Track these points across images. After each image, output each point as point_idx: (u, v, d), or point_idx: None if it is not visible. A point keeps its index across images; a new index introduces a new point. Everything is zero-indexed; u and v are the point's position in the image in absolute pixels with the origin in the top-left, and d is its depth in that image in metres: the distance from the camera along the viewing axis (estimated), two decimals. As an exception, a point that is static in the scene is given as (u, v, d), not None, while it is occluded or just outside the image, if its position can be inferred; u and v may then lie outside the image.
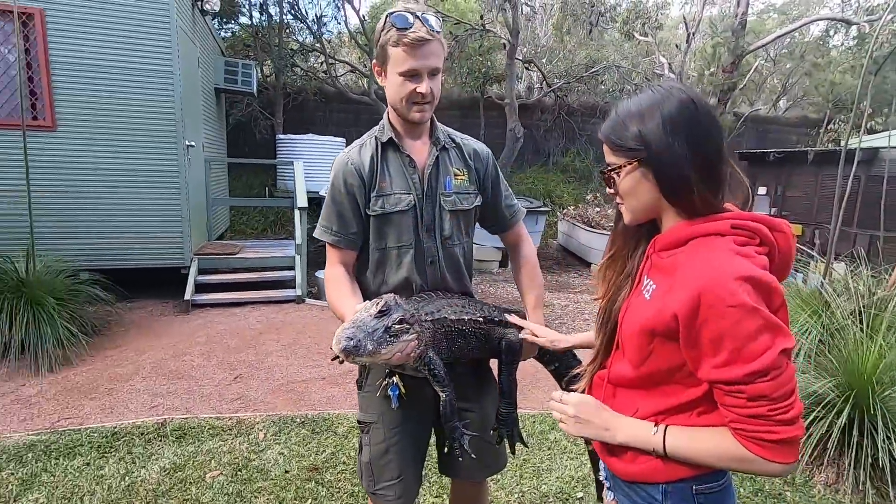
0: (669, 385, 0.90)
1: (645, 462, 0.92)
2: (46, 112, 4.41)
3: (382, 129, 1.32)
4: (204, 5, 5.68)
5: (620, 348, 0.97)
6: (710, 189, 0.85)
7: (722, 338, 0.76)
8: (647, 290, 0.92)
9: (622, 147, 0.89)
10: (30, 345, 3.42)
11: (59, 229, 4.54)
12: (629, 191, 0.91)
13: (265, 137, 10.08)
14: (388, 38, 1.19)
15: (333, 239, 1.30)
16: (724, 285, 0.76)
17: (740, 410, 0.78)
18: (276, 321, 4.58)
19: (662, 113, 0.85)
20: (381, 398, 1.34)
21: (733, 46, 11.43)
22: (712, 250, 0.82)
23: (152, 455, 2.46)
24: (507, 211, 1.49)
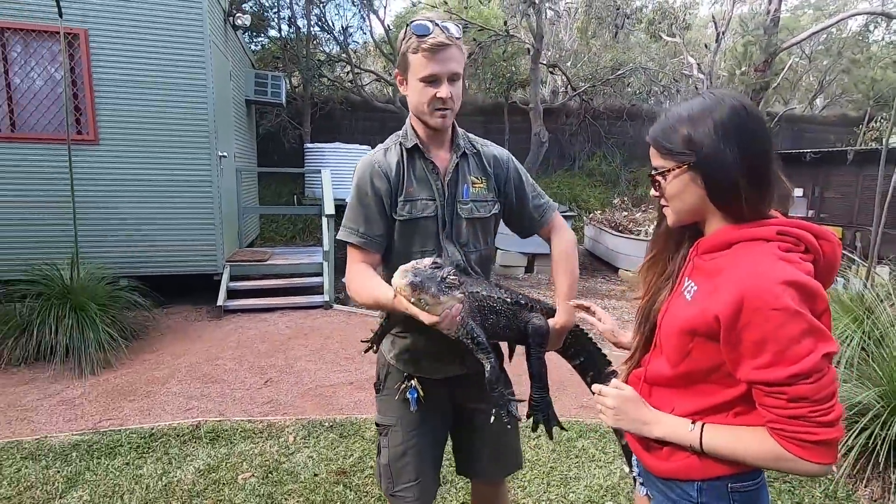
0: (707, 385, 0.91)
1: (681, 459, 0.93)
2: (90, 126, 4.63)
3: (406, 134, 1.32)
4: (236, 21, 5.88)
5: (658, 348, 0.99)
6: (757, 195, 0.87)
7: (765, 340, 0.78)
8: (687, 292, 0.94)
9: (671, 151, 0.90)
10: (73, 348, 3.58)
11: (101, 238, 4.75)
12: (675, 194, 0.93)
13: (293, 146, 10.31)
14: (408, 46, 1.21)
15: (360, 240, 1.27)
16: (769, 289, 0.77)
17: (780, 411, 0.80)
18: (304, 326, 4.66)
19: (714, 118, 0.86)
20: (399, 401, 1.36)
21: (765, 44, 11.10)
22: (756, 255, 0.83)
23: (187, 456, 2.54)
24: (535, 212, 1.45)
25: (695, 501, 0.93)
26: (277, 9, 11.07)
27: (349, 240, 1.28)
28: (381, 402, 1.43)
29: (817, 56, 15.06)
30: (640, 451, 1.03)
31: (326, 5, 11.25)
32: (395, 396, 1.36)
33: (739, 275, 0.81)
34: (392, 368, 1.39)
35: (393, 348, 1.39)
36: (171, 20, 4.71)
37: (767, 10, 11.27)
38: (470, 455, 1.47)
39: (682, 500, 0.95)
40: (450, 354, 1.34)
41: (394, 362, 1.38)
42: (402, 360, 1.37)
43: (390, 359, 1.39)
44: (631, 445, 1.08)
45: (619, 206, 8.57)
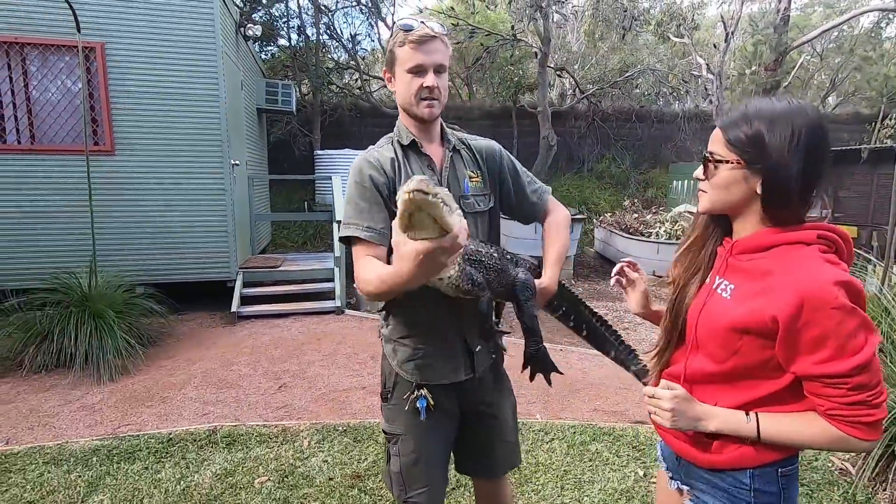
0: (752, 379, 0.96)
1: (733, 450, 0.98)
2: (106, 137, 4.73)
3: (399, 133, 1.34)
4: (247, 31, 5.98)
5: (695, 346, 1.02)
6: (805, 204, 0.93)
7: (826, 337, 0.85)
8: (723, 291, 0.98)
9: (738, 144, 0.92)
10: (92, 355, 3.65)
11: (118, 246, 4.85)
12: (722, 185, 0.96)
13: (304, 153, 10.42)
14: (395, 42, 1.25)
15: (365, 234, 1.23)
16: (827, 289, 0.84)
17: (840, 399, 0.87)
18: (316, 332, 4.70)
19: (794, 128, 0.88)
20: (409, 411, 1.34)
21: (776, 43, 11.01)
22: (805, 258, 0.89)
23: (204, 461, 2.58)
24: (534, 196, 1.49)
25: (748, 487, 0.98)
26: (287, 18, 11.22)
27: (353, 233, 1.23)
28: (388, 411, 1.41)
29: (829, 54, 14.89)
30: (685, 447, 1.05)
31: (335, 14, 11.40)
32: (404, 407, 1.35)
33: (795, 278, 0.87)
34: (400, 379, 1.37)
35: (395, 356, 1.37)
36: (185, 32, 4.81)
37: (777, 8, 11.18)
38: (471, 454, 1.49)
39: (735, 489, 1.00)
40: (453, 358, 1.34)
41: (399, 370, 1.36)
42: (407, 368, 1.35)
43: (395, 366, 1.37)
44: (671, 442, 1.10)
45: (629, 208, 8.54)
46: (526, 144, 12.15)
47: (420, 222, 0.88)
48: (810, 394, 0.91)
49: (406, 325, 1.33)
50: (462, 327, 1.34)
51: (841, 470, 2.48)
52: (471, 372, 1.37)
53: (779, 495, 0.98)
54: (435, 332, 1.32)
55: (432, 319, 1.31)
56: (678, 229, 7.24)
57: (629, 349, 1.58)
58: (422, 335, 1.32)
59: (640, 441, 2.75)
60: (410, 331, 1.33)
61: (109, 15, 4.62)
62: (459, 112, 12.14)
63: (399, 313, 1.34)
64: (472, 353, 1.36)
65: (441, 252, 0.89)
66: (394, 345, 1.36)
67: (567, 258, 7.43)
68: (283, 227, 9.26)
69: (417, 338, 1.32)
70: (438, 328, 1.32)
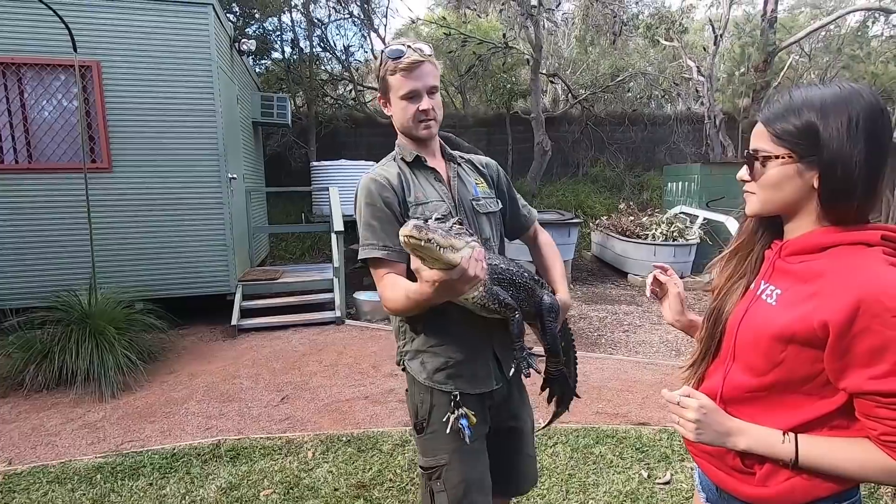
0: (798, 396, 0.84)
1: (780, 483, 0.85)
2: (103, 155, 4.76)
3: (402, 151, 1.37)
4: (241, 47, 6.03)
5: (732, 357, 0.92)
6: (870, 200, 0.82)
7: (885, 348, 0.73)
8: (769, 297, 0.88)
9: (788, 137, 0.82)
10: (93, 372, 3.65)
11: (117, 263, 4.85)
12: (773, 183, 0.86)
13: (300, 165, 10.46)
14: (385, 70, 1.28)
15: (384, 253, 1.25)
16: (889, 294, 0.73)
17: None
18: (317, 342, 4.71)
19: (850, 114, 0.79)
20: (451, 435, 1.27)
21: (763, 44, 11.16)
22: (866, 259, 0.79)
23: (209, 475, 2.58)
24: (524, 210, 1.56)
25: None
26: (280, 32, 11.31)
27: (373, 254, 1.25)
28: (427, 442, 1.32)
29: (817, 54, 15.07)
30: (723, 476, 0.94)
31: (328, 26, 11.49)
32: (446, 430, 1.27)
33: (851, 280, 0.76)
34: (436, 401, 1.30)
35: (424, 369, 1.32)
36: (181, 49, 4.86)
37: (764, 10, 11.34)
38: (498, 473, 1.42)
39: None
40: (485, 363, 1.33)
41: (431, 383, 1.30)
42: (439, 378, 1.30)
43: (425, 381, 1.31)
44: (708, 470, 0.99)
45: (624, 211, 8.58)
46: (521, 150, 12.22)
47: (427, 258, 0.97)
48: (862, 415, 0.78)
49: (435, 334, 1.31)
50: (491, 335, 1.33)
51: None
52: (502, 380, 1.35)
53: None
54: (465, 340, 1.30)
55: (461, 328, 1.29)
56: (674, 231, 7.28)
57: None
58: (452, 343, 1.30)
59: (643, 443, 2.76)
60: (441, 339, 1.30)
61: (105, 34, 4.66)
62: (454, 120, 12.22)
63: (428, 324, 1.31)
64: (500, 362, 1.35)
65: (454, 282, 0.99)
66: (422, 357, 1.32)
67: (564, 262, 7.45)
68: (280, 239, 9.28)
69: (448, 346, 1.30)
70: (467, 336, 1.30)
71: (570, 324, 1.53)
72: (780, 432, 0.84)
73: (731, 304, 0.95)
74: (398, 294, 1.18)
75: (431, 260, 0.97)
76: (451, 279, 0.99)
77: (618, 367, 4.08)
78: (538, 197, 11.23)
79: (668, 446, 2.71)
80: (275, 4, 10.18)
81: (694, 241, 7.15)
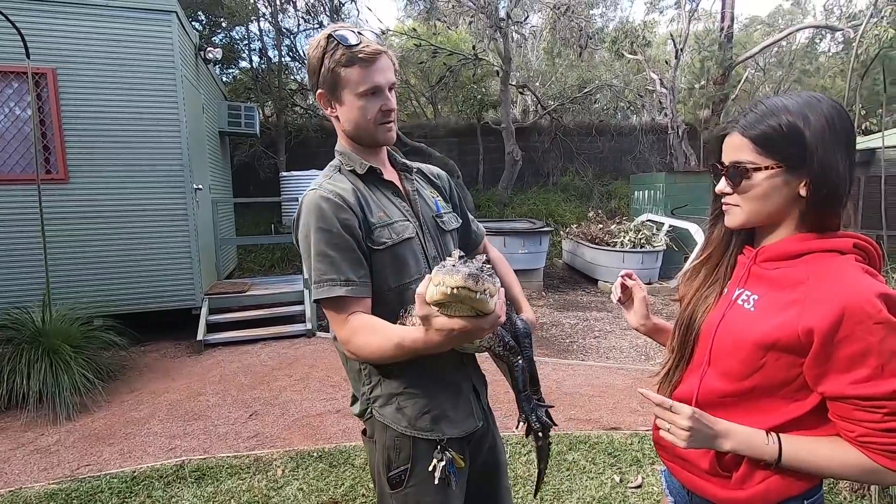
0: (771, 400, 0.86)
1: (756, 485, 0.87)
2: (59, 166, 4.56)
3: (350, 161, 1.15)
4: (207, 55, 5.91)
5: (708, 363, 0.92)
6: (845, 206, 0.84)
7: (866, 354, 0.75)
8: (746, 302, 0.89)
9: (773, 148, 0.82)
10: (47, 393, 3.46)
11: (74, 277, 4.64)
12: (761, 194, 0.85)
13: (269, 175, 10.28)
14: (336, 61, 1.05)
15: (349, 289, 1.02)
16: (871, 302, 0.75)
17: (875, 425, 0.77)
18: (287, 356, 4.60)
19: (827, 118, 0.80)
20: (439, 485, 1.09)
21: (721, 59, 11.67)
22: (843, 267, 0.80)
23: (172, 498, 2.47)
24: (474, 225, 1.41)
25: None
26: (248, 41, 11.18)
27: (334, 293, 1.02)
28: (408, 497, 1.11)
29: (771, 68, 15.85)
30: (699, 482, 0.95)
31: (297, 36, 11.40)
32: (432, 483, 1.09)
33: (835, 288, 0.78)
34: (418, 449, 1.11)
35: (403, 416, 1.11)
36: (143, 57, 4.72)
37: (721, 27, 11.87)
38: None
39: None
40: (466, 400, 1.18)
41: (414, 432, 1.11)
42: (422, 424, 1.11)
43: (405, 429, 1.11)
44: (679, 475, 1.00)
45: (594, 219, 8.76)
46: (492, 160, 12.36)
47: (457, 308, 0.81)
48: (838, 417, 0.80)
49: (411, 373, 1.10)
50: (466, 367, 1.21)
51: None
52: (482, 418, 1.22)
53: None
54: (444, 378, 1.15)
55: (438, 363, 1.12)
56: (642, 238, 7.46)
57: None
58: (430, 382, 1.13)
59: (614, 447, 2.79)
60: (419, 378, 1.11)
61: (61, 40, 4.49)
62: (425, 130, 12.27)
63: (402, 363, 1.06)
64: (479, 396, 1.22)
65: (479, 330, 0.83)
66: (397, 402, 1.11)
67: (536, 270, 7.54)
68: (249, 251, 9.07)
69: (427, 386, 1.12)
70: (446, 372, 1.15)
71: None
72: (763, 433, 0.85)
73: (704, 310, 0.95)
74: (380, 342, 0.98)
75: (460, 307, 0.80)
76: (478, 328, 0.82)
77: (589, 372, 4.13)
78: (510, 206, 11.36)
79: (638, 450, 2.75)
80: (242, 13, 10.06)
81: (661, 248, 7.35)
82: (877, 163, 7.45)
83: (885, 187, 5.51)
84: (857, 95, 4.23)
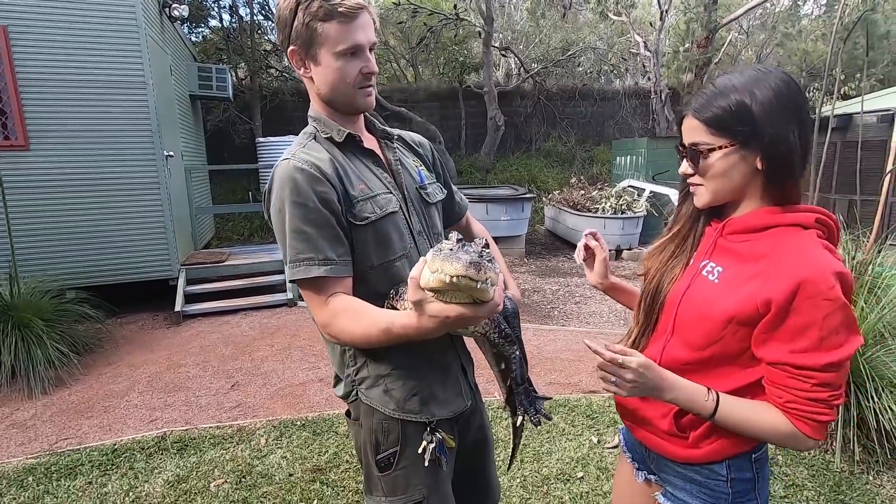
0: (727, 368, 0.91)
1: (710, 444, 0.94)
2: (18, 131, 4.32)
3: (327, 127, 1.06)
4: (172, 12, 5.58)
5: (671, 331, 0.96)
6: (802, 173, 0.86)
7: (809, 326, 0.80)
8: (711, 273, 0.92)
9: (726, 126, 0.85)
10: (20, 368, 3.39)
11: (42, 249, 4.48)
12: (720, 172, 0.88)
13: (244, 141, 9.97)
14: (312, 14, 0.95)
15: (328, 269, 0.96)
16: (825, 278, 0.78)
17: (802, 393, 0.82)
18: (269, 326, 4.57)
19: (775, 91, 0.83)
20: (429, 467, 1.06)
21: (706, 21, 11.49)
22: (805, 243, 0.84)
23: (154, 469, 2.47)
24: (458, 196, 1.33)
25: (725, 478, 0.95)
26: (217, -2, 10.58)
27: (312, 273, 0.95)
28: (397, 479, 1.08)
29: (754, 31, 15.72)
30: (656, 440, 1.01)
31: (269, -8, 10.84)
32: (422, 464, 1.06)
33: (794, 262, 0.81)
34: (408, 431, 1.08)
35: (391, 398, 1.07)
36: (101, 13, 4.42)
37: (706, -13, 11.62)
38: (470, 493, 1.28)
39: (711, 480, 0.96)
40: (455, 380, 1.14)
41: (403, 415, 1.07)
42: (412, 406, 1.07)
43: (393, 412, 1.06)
44: (638, 433, 1.05)
45: (576, 185, 8.76)
46: (474, 125, 12.16)
47: (453, 295, 0.77)
48: (771, 383, 0.86)
49: (399, 354, 1.05)
50: (454, 344, 1.16)
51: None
52: (470, 397, 1.18)
53: (753, 480, 0.96)
54: (432, 357, 1.10)
55: (427, 345, 1.04)
56: (623, 204, 7.50)
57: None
58: (420, 361, 1.08)
59: (593, 410, 2.87)
60: (407, 359, 1.06)
61: (10, -6, 4.17)
62: (405, 94, 11.95)
63: (389, 348, 1.03)
64: (466, 374, 1.18)
65: (475, 317, 0.78)
66: (385, 383, 1.07)
67: (518, 237, 7.56)
68: (227, 220, 8.88)
69: (416, 366, 1.08)
70: (434, 350, 1.10)
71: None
72: (705, 390, 0.89)
73: (670, 280, 0.98)
74: (365, 327, 0.92)
75: (457, 294, 0.76)
76: (475, 316, 0.78)
77: (570, 338, 4.20)
78: (492, 172, 11.27)
79: (615, 412, 2.82)
80: (209, -33, 9.48)
81: (641, 214, 7.41)
82: (854, 128, 7.54)
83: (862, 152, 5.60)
84: (840, 60, 4.21)
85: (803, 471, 2.30)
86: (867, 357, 2.34)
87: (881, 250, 3.17)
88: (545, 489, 2.23)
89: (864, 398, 2.26)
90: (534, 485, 2.26)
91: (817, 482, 2.23)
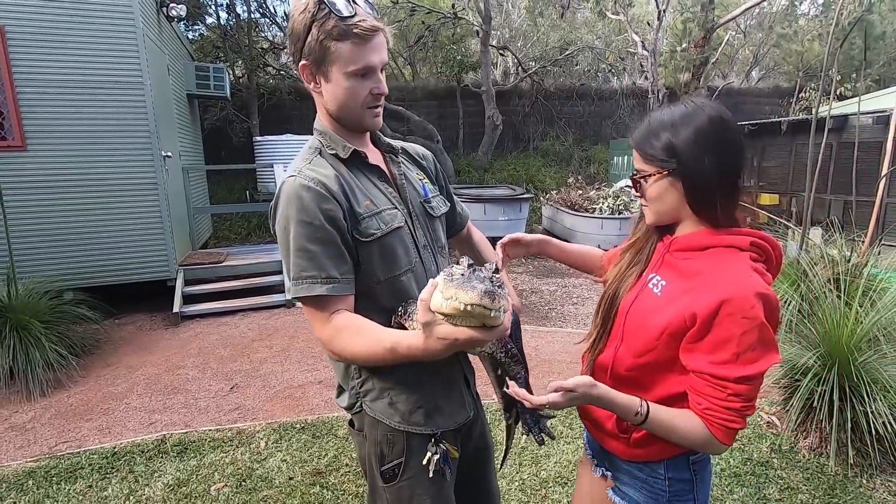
0: (665, 374, 0.98)
1: (649, 445, 1.02)
2: (15, 132, 4.30)
3: (332, 143, 1.06)
4: (170, 11, 5.55)
5: (620, 338, 1.03)
6: (731, 203, 0.95)
7: (728, 341, 0.87)
8: (655, 286, 1.00)
9: (653, 157, 0.95)
10: (19, 370, 3.38)
11: (39, 250, 4.47)
12: (655, 197, 0.99)
13: (242, 140, 9.94)
14: (327, 32, 0.94)
15: (330, 287, 0.96)
16: (747, 298, 0.86)
17: (718, 401, 0.90)
18: (267, 327, 4.57)
19: (695, 127, 0.92)
20: (434, 478, 1.07)
21: (703, 21, 11.51)
22: (734, 264, 0.92)
23: (154, 472, 2.48)
24: (458, 207, 1.34)
25: (662, 477, 1.04)
26: (214, -5, 10.52)
27: (315, 291, 0.96)
28: (402, 491, 1.08)
29: (751, 31, 15.74)
30: (606, 439, 1.09)
31: (266, -10, 10.79)
32: (426, 476, 1.07)
33: (721, 280, 0.89)
34: (412, 444, 1.08)
35: (396, 410, 1.07)
36: (98, 13, 4.40)
37: (704, -13, 11.62)
38: (472, 500, 1.30)
39: (651, 478, 1.05)
40: (458, 391, 1.15)
41: (408, 427, 1.08)
42: (417, 418, 1.08)
43: (398, 425, 1.07)
44: (597, 436, 1.13)
45: (573, 185, 8.77)
46: (471, 124, 12.16)
47: (466, 321, 0.77)
48: (693, 390, 0.93)
49: (404, 368, 1.04)
50: (459, 359, 1.16)
51: (768, 423, 2.72)
52: (473, 407, 1.19)
53: (691, 481, 1.04)
54: (437, 368, 1.09)
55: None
56: (620, 204, 7.52)
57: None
58: (425, 373, 1.08)
59: (591, 412, 2.89)
60: (412, 371, 1.06)
61: (7, -6, 4.15)
62: (403, 93, 11.94)
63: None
64: (470, 386, 1.19)
65: (483, 342, 0.80)
66: (390, 396, 1.07)
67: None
68: (224, 219, 8.86)
69: (421, 378, 1.08)
70: (439, 365, 1.06)
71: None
72: (638, 401, 0.94)
73: (625, 289, 1.06)
74: (369, 345, 0.93)
75: (469, 319, 0.76)
76: (483, 340, 0.79)
77: (567, 339, 4.22)
78: (490, 171, 11.27)
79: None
80: (206, -35, 9.43)
81: (638, 214, 7.42)
82: (850, 129, 7.57)
83: (857, 153, 5.63)
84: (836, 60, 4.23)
85: (798, 474, 2.33)
86: (861, 361, 2.36)
87: (879, 252, 3.19)
88: (543, 493, 2.26)
89: (858, 402, 2.29)
90: (532, 488, 2.28)
91: (812, 485, 2.25)
